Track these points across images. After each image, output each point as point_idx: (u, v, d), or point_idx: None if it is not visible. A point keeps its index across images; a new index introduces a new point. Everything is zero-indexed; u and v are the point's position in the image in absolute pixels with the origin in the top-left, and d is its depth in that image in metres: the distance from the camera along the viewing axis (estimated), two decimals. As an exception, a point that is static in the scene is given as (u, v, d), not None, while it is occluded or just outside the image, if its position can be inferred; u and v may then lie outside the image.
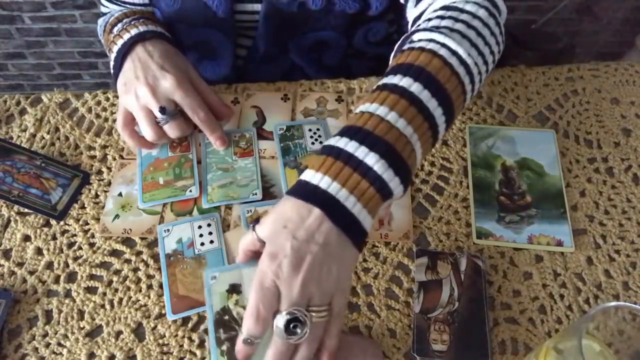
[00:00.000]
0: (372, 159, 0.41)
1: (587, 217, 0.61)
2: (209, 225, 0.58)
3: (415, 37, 0.48)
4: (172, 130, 0.60)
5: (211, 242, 0.57)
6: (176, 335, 0.53)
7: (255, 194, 0.60)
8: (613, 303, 0.39)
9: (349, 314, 0.54)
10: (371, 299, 0.55)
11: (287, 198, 0.43)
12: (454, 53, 0.46)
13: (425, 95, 0.44)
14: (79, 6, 1.54)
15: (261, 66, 0.77)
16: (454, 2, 0.51)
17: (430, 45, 0.46)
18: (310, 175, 0.42)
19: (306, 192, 0.42)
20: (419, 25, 0.51)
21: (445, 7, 0.51)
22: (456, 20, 0.48)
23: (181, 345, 0.52)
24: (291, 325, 0.41)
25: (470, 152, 0.65)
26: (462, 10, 0.49)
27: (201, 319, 0.54)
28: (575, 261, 0.57)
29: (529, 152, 0.65)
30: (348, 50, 0.75)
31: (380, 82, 0.47)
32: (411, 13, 0.58)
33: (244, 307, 0.53)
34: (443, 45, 0.46)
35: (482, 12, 0.50)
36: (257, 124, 0.67)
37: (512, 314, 0.54)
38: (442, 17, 0.49)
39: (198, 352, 0.52)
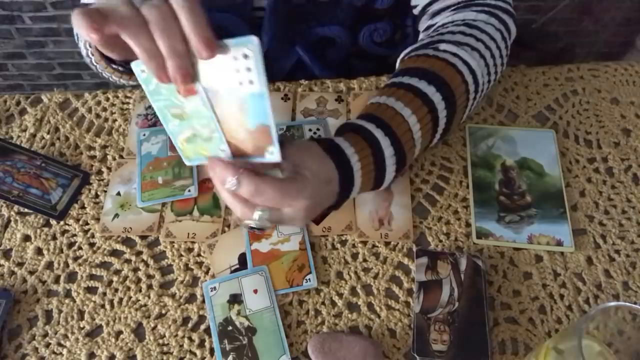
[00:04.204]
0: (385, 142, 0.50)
1: (587, 217, 0.61)
2: (245, 57, 0.39)
3: (442, 46, 0.55)
4: (149, 8, 0.39)
5: (251, 82, 0.40)
6: (176, 335, 0.53)
7: (224, 150, 0.45)
8: (613, 303, 0.39)
9: (348, 314, 0.54)
10: (371, 299, 0.55)
11: (329, 162, 0.47)
12: (471, 72, 0.54)
13: (441, 106, 0.53)
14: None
15: (267, 60, 0.77)
16: (475, 21, 0.57)
17: (454, 60, 0.54)
18: (345, 146, 0.49)
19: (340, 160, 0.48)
20: (442, 34, 0.57)
21: (467, 24, 0.57)
22: (477, 39, 0.56)
23: (181, 345, 0.52)
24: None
25: (470, 152, 0.65)
26: (482, 31, 0.57)
27: (201, 319, 0.54)
28: (575, 261, 0.57)
29: (529, 152, 0.65)
30: (352, 49, 0.75)
31: (404, 81, 0.53)
32: (424, 24, 0.64)
33: (246, 317, 0.53)
34: (465, 62, 0.54)
35: (498, 36, 0.58)
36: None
37: (512, 314, 0.54)
38: (464, 34, 0.56)
39: (198, 352, 0.52)
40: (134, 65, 0.40)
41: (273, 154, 0.42)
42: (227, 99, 0.41)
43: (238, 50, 0.39)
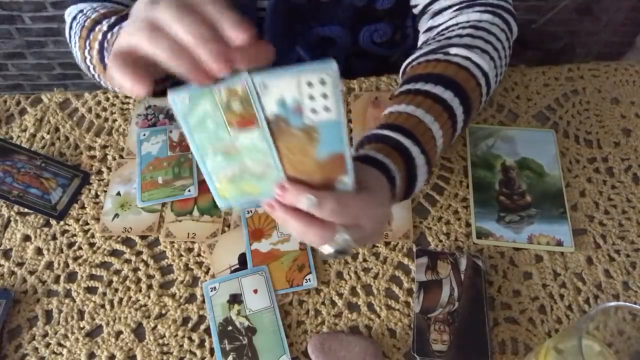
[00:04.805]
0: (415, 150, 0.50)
1: (587, 217, 0.61)
2: (322, 83, 0.36)
3: (453, 50, 0.55)
4: (161, 10, 0.35)
5: (326, 109, 0.37)
6: (176, 335, 0.53)
7: None
8: (613, 303, 0.39)
9: (348, 314, 0.54)
10: (371, 299, 0.55)
11: (380, 174, 0.46)
12: (484, 74, 0.54)
13: (459, 111, 0.53)
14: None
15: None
16: (480, 22, 0.57)
17: (467, 64, 0.53)
18: (380, 157, 0.48)
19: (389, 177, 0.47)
20: (450, 38, 0.57)
21: (474, 26, 0.57)
22: (485, 41, 0.56)
23: (181, 345, 0.52)
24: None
25: (470, 152, 0.65)
26: (489, 32, 0.57)
27: (201, 319, 0.54)
28: (575, 261, 0.57)
29: (529, 152, 0.65)
30: (352, 49, 0.75)
31: (420, 87, 0.53)
32: (424, 25, 0.64)
33: (246, 317, 0.53)
34: (477, 65, 0.54)
35: (503, 36, 0.58)
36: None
37: (512, 314, 0.54)
38: (472, 36, 0.56)
39: (198, 352, 0.52)
40: (172, 96, 0.34)
41: (346, 185, 0.39)
42: (293, 129, 0.37)
43: (315, 75, 0.35)
